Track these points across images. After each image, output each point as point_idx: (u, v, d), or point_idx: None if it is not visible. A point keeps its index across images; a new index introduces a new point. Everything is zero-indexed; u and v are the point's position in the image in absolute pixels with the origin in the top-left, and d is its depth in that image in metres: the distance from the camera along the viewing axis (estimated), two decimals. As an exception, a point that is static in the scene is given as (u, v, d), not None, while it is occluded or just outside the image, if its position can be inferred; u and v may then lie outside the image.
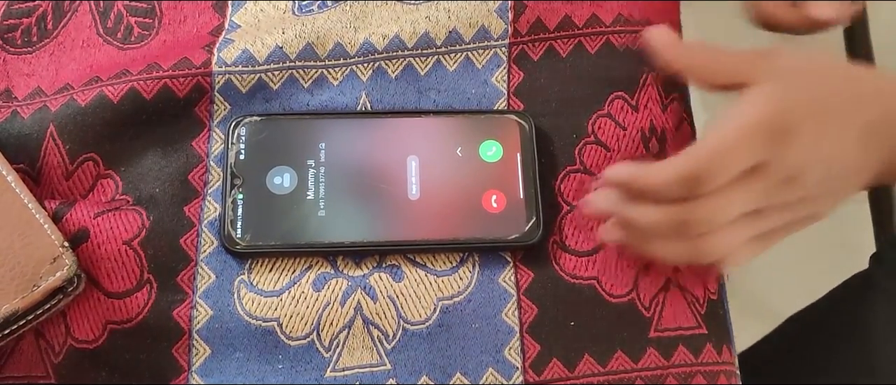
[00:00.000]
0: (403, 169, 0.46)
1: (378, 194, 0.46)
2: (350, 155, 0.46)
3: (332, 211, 0.45)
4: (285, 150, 0.46)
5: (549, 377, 0.45)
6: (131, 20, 0.50)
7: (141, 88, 0.47)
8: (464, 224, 0.46)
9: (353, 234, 0.45)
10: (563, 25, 0.51)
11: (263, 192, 0.45)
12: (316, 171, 0.46)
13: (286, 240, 0.44)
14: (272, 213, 0.45)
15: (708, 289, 0.47)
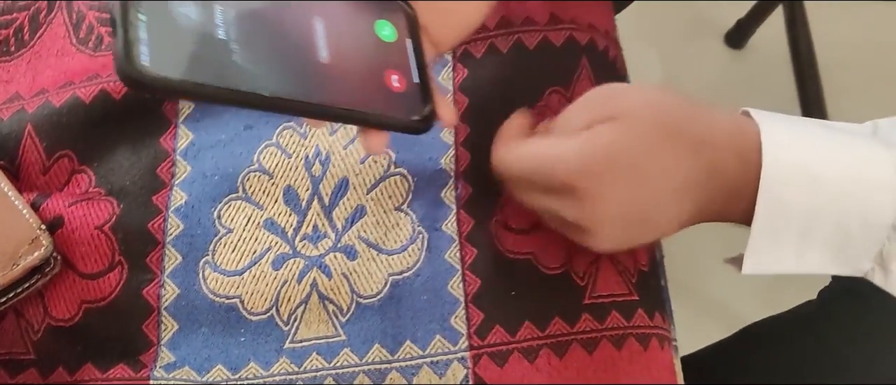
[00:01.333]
0: (311, 30, 0.43)
1: (291, 51, 0.42)
2: (259, 8, 0.42)
3: (245, 58, 0.40)
4: None
5: (492, 341, 0.48)
6: (101, 30, 0.55)
7: (111, 90, 0.51)
8: (372, 97, 0.44)
9: (269, 87, 0.40)
10: (502, 24, 0.56)
11: (168, 19, 0.38)
12: (224, 16, 0.40)
13: (195, 79, 0.38)
14: (181, 45, 0.38)
15: (639, 261, 0.51)
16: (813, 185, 0.45)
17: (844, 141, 0.46)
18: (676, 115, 0.45)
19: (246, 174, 0.51)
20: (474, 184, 0.52)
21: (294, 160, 0.52)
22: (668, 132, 0.44)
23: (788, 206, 0.45)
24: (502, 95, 0.54)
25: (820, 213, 0.45)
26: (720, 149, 0.45)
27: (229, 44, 0.39)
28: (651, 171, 0.44)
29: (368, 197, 0.51)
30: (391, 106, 0.45)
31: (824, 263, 0.47)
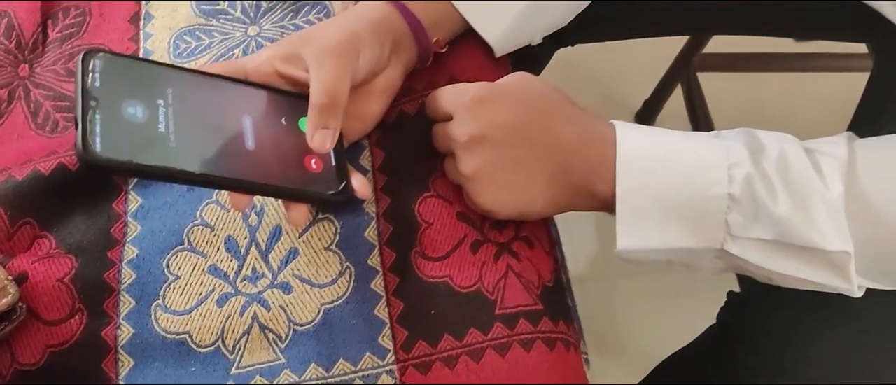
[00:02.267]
0: (241, 123, 0.54)
1: (221, 139, 0.52)
2: (195, 103, 0.52)
3: (181, 144, 0.50)
4: (137, 87, 0.50)
5: (417, 354, 0.55)
6: (57, 115, 0.62)
7: (68, 163, 0.58)
8: (291, 176, 0.54)
9: (201, 168, 0.50)
10: (408, 92, 0.64)
11: (119, 117, 0.49)
12: (165, 110, 0.50)
13: (140, 159, 0.48)
14: (127, 135, 0.48)
15: (543, 278, 0.59)
16: (660, 168, 0.55)
17: (683, 136, 0.56)
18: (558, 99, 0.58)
19: (190, 228, 0.58)
20: (394, 223, 0.59)
21: (232, 214, 0.59)
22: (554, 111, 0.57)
23: (642, 187, 0.54)
24: (413, 149, 0.62)
25: (669, 191, 0.55)
26: (587, 136, 0.56)
27: (168, 135, 0.50)
28: (532, 139, 0.54)
29: (300, 240, 0.58)
30: (310, 183, 0.55)
31: (684, 237, 0.56)
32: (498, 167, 0.57)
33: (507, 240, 0.59)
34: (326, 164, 0.56)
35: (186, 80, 0.54)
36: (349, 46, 0.55)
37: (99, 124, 0.48)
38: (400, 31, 0.61)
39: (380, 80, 0.60)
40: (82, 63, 0.49)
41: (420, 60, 0.63)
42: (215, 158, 0.52)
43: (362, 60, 0.56)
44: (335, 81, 0.54)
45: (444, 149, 0.60)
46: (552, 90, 0.59)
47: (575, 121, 0.58)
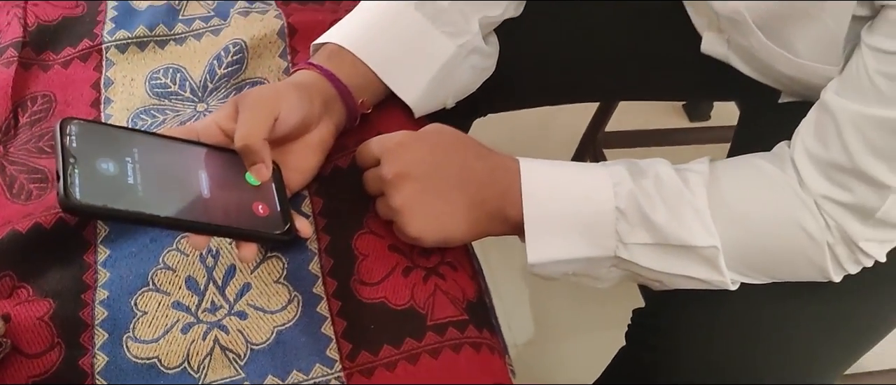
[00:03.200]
0: (196, 176, 0.63)
1: (181, 189, 0.61)
2: (157, 160, 0.61)
3: (147, 193, 0.59)
4: (108, 147, 0.59)
5: (361, 362, 0.63)
6: (31, 186, 0.70)
7: (43, 222, 0.66)
8: (242, 219, 0.63)
9: (165, 212, 0.59)
10: (340, 148, 0.74)
11: (94, 170, 0.57)
12: (133, 166, 0.59)
13: (113, 205, 0.56)
14: (102, 185, 0.57)
15: (467, 295, 0.68)
16: (559, 192, 0.66)
17: (576, 165, 0.68)
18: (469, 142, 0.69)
19: (154, 272, 0.66)
20: (334, 257, 0.68)
21: (191, 257, 0.67)
22: (466, 150, 0.68)
23: (545, 208, 0.65)
24: (347, 195, 0.71)
25: (568, 210, 0.65)
26: (496, 170, 0.66)
27: (137, 186, 0.59)
28: (448, 174, 0.64)
29: (253, 275, 0.66)
30: (259, 225, 0.64)
31: (584, 247, 0.66)
32: (421, 200, 0.66)
33: (434, 264, 0.68)
34: (272, 209, 0.65)
35: (149, 141, 0.63)
36: (267, 100, 0.65)
37: (77, 177, 0.56)
38: (328, 94, 0.71)
39: (313, 136, 0.70)
40: (60, 128, 0.58)
41: (349, 121, 0.73)
42: (177, 205, 0.61)
43: (287, 112, 0.65)
44: (250, 128, 0.63)
45: (374, 190, 0.69)
46: (463, 135, 0.70)
47: (484, 157, 0.69)
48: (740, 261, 0.67)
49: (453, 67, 0.77)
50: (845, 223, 0.64)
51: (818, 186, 0.65)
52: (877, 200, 0.62)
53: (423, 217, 0.66)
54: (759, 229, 0.66)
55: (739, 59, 0.79)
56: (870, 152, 0.60)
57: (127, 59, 0.79)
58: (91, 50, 0.79)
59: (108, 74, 0.78)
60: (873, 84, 0.59)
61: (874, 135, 0.60)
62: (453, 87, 0.79)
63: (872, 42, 0.59)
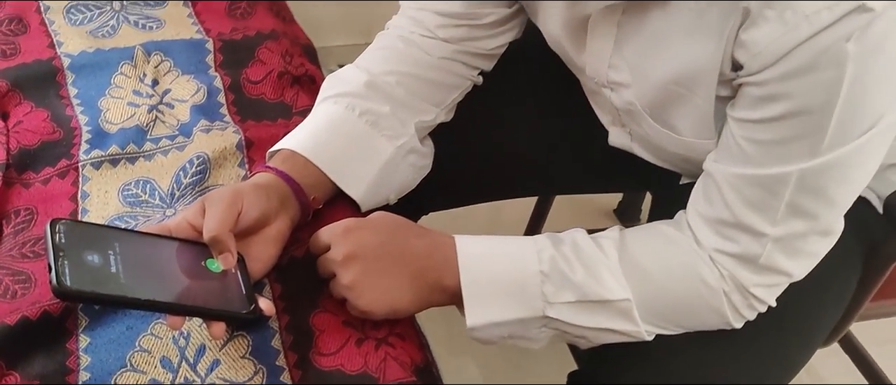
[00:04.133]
0: (172, 266, 0.71)
1: (157, 276, 0.70)
2: (136, 252, 0.70)
3: (129, 280, 0.67)
4: (92, 242, 0.68)
5: (321, 420, 0.70)
6: (16, 287, 0.77)
7: (29, 314, 0.73)
8: (212, 301, 0.71)
9: (145, 296, 0.67)
10: (296, 241, 0.83)
11: (81, 262, 0.66)
12: (115, 258, 0.68)
13: (100, 290, 0.65)
14: (89, 274, 0.65)
15: (414, 360, 0.76)
16: (491, 261, 0.75)
17: (504, 237, 0.78)
18: (408, 224, 0.79)
19: (131, 354, 0.73)
20: (294, 333, 0.76)
21: (165, 340, 0.74)
22: (406, 231, 0.77)
23: (479, 276, 0.74)
24: (303, 280, 0.80)
25: (500, 276, 0.75)
26: (433, 245, 0.76)
27: (119, 274, 0.68)
28: (392, 253, 0.73)
29: (221, 352, 0.74)
30: (226, 306, 0.73)
31: (515, 310, 0.75)
32: (368, 277, 0.75)
33: (384, 335, 0.77)
34: (238, 293, 0.74)
35: (128, 237, 0.72)
36: (231, 198, 0.74)
37: (67, 267, 0.65)
38: (284, 192, 0.81)
39: (272, 230, 0.79)
40: (50, 226, 0.68)
41: (302, 216, 0.83)
42: (155, 290, 0.69)
43: (248, 208, 0.75)
44: (217, 221, 0.72)
45: (327, 273, 0.78)
46: (403, 219, 0.80)
47: (423, 236, 0.79)
48: (652, 312, 0.77)
49: (394, 166, 0.88)
50: (736, 272, 0.75)
51: (710, 241, 0.75)
52: (758, 248, 0.73)
53: (371, 292, 0.75)
54: (665, 282, 0.77)
55: (641, 148, 0.91)
56: (746, 206, 0.72)
57: (101, 174, 0.88)
58: (68, 168, 0.88)
59: (85, 188, 0.87)
60: (741, 148, 0.70)
61: (747, 191, 0.71)
62: (395, 184, 0.89)
63: (735, 114, 0.71)
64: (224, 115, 0.96)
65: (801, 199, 0.70)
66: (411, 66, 0.91)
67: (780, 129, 0.68)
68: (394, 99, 0.88)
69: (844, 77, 0.63)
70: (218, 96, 0.98)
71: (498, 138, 1.00)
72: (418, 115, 0.90)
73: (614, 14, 0.76)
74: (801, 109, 0.66)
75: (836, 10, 0.61)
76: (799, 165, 0.68)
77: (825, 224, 0.73)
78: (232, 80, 1.00)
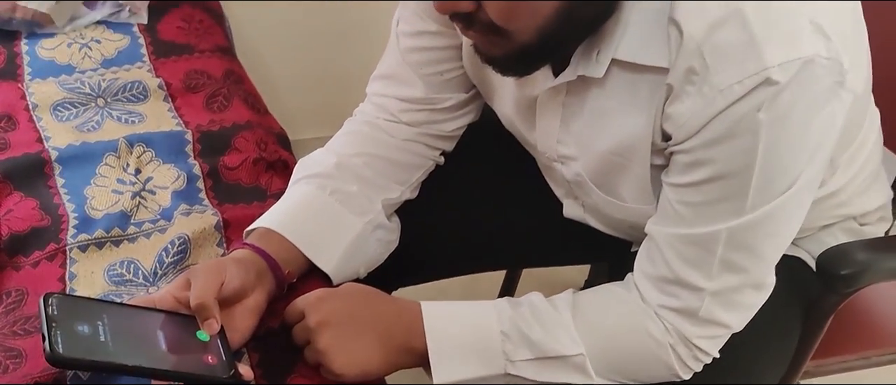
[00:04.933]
0: (157, 335, 0.77)
1: (143, 344, 0.76)
2: (123, 322, 0.76)
3: (117, 348, 0.73)
4: (82, 313, 0.75)
5: None
6: (8, 362, 0.82)
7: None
8: (195, 367, 0.76)
9: (132, 362, 0.73)
10: (272, 312, 0.89)
11: (72, 331, 0.72)
12: (104, 327, 0.74)
13: (90, 357, 0.71)
14: (79, 342, 0.72)
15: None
16: (455, 323, 0.81)
17: (466, 302, 0.84)
18: (377, 292, 0.86)
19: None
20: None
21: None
22: (374, 298, 0.84)
23: (444, 337, 0.80)
24: (280, 348, 0.86)
25: (464, 337, 0.81)
26: (401, 311, 0.82)
27: (108, 342, 0.74)
28: (361, 319, 0.79)
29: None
30: (208, 371, 0.78)
31: (479, 367, 0.81)
32: (340, 342, 0.81)
33: (356, 398, 0.82)
34: (219, 359, 0.79)
35: (116, 309, 0.79)
36: (214, 270, 0.81)
37: (59, 336, 0.71)
38: (260, 266, 0.87)
39: (249, 301, 0.85)
40: (44, 300, 0.74)
41: (278, 288, 0.89)
42: (142, 356, 0.75)
43: (228, 279, 0.81)
44: (202, 290, 0.79)
45: (301, 340, 0.84)
46: (371, 288, 0.86)
47: (391, 303, 0.85)
48: (605, 366, 0.83)
49: (363, 241, 0.94)
50: (679, 325, 0.81)
51: (654, 298, 0.82)
52: (697, 301, 0.80)
53: (343, 356, 0.81)
54: (616, 337, 0.83)
55: (593, 218, 0.98)
56: (684, 263, 0.79)
57: (87, 256, 0.94)
58: (57, 251, 0.94)
59: (72, 270, 0.92)
60: (675, 211, 0.78)
61: (684, 249, 0.78)
62: (364, 258, 0.96)
63: (668, 180, 0.78)
64: (203, 199, 1.03)
65: (732, 255, 0.77)
66: (377, 148, 0.98)
67: (707, 191, 0.75)
68: (361, 178, 0.96)
69: (759, 143, 0.71)
70: (197, 182, 1.05)
71: (460, 215, 1.07)
72: (384, 193, 0.97)
73: (559, 94, 0.84)
74: (723, 173, 0.73)
75: (746, 83, 0.69)
76: (727, 224, 0.76)
77: (756, 277, 0.80)
78: (210, 167, 1.07)
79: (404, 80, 0.98)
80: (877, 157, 0.99)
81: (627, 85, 0.78)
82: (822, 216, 0.95)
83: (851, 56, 0.73)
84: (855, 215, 0.99)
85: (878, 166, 1.01)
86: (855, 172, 0.93)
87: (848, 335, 1.10)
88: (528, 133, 0.94)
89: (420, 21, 0.95)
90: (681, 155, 0.76)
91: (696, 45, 0.70)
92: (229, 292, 0.81)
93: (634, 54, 0.75)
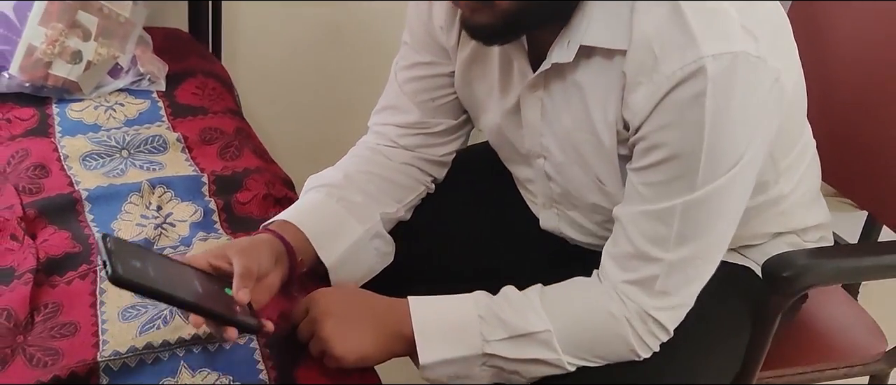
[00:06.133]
0: (195, 281, 0.89)
1: (186, 285, 0.87)
2: (168, 267, 0.89)
3: (163, 283, 0.84)
4: (134, 254, 0.86)
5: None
6: (46, 358, 0.93)
7: (59, 373, 0.88)
8: (228, 312, 0.88)
9: (179, 294, 0.85)
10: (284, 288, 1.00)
11: (128, 262, 0.82)
12: (151, 266, 0.85)
13: (142, 282, 0.82)
14: (133, 271, 0.82)
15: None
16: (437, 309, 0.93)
17: (448, 296, 0.96)
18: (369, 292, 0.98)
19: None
20: None
21: (173, 393, 0.90)
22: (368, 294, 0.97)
23: (429, 321, 0.92)
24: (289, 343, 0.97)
25: (445, 320, 0.93)
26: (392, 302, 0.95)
27: (156, 277, 0.85)
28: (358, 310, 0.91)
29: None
30: (240, 317, 0.89)
31: (461, 348, 0.92)
32: (340, 329, 0.93)
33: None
34: (245, 311, 0.91)
35: (159, 257, 0.93)
36: (250, 251, 0.94)
37: (119, 264, 0.82)
38: (279, 250, 0.99)
39: (267, 280, 0.97)
40: (102, 238, 0.85)
41: (291, 274, 1.01)
42: (185, 292, 0.87)
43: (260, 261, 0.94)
44: (246, 265, 0.91)
45: (307, 334, 0.95)
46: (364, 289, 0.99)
47: (382, 298, 0.97)
48: (572, 344, 0.94)
49: (362, 246, 1.07)
50: (637, 298, 0.93)
51: (615, 275, 0.94)
52: (656, 270, 0.91)
53: (344, 342, 0.92)
54: (579, 316, 0.95)
55: (568, 227, 1.10)
56: (644, 238, 0.91)
57: (116, 275, 1.06)
58: (88, 271, 1.06)
59: (102, 286, 1.04)
60: (638, 192, 0.91)
61: (645, 225, 0.91)
62: (361, 262, 1.08)
63: (632, 166, 0.92)
64: (218, 228, 1.15)
65: (687, 229, 0.90)
66: (378, 168, 1.13)
67: (663, 170, 0.88)
68: (365, 192, 1.10)
69: (704, 126, 0.84)
70: (212, 216, 1.18)
71: (446, 238, 1.19)
72: (384, 208, 1.11)
73: (538, 88, 0.98)
74: (675, 154, 0.87)
75: (686, 69, 0.83)
76: (683, 198, 0.88)
77: (708, 251, 0.93)
78: (224, 203, 1.20)
79: (401, 107, 1.14)
80: (815, 179, 1.13)
81: (597, 71, 0.92)
82: (767, 223, 1.07)
83: (779, 60, 0.87)
84: (797, 229, 1.11)
85: (816, 189, 1.14)
86: (795, 183, 1.06)
87: (801, 349, 1.21)
88: (515, 135, 1.06)
89: (415, 54, 1.12)
90: (640, 142, 0.89)
91: (647, 41, 0.85)
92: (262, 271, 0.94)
93: (599, 40, 0.89)
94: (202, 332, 0.92)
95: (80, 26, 1.45)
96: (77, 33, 1.45)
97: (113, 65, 1.48)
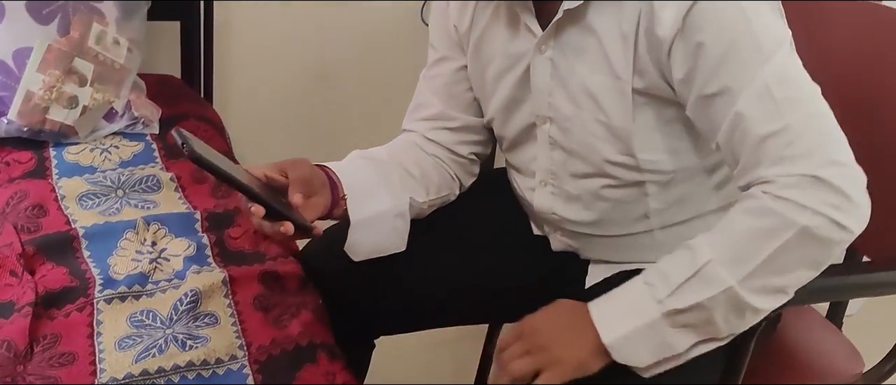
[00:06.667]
0: (253, 180, 0.96)
1: (249, 180, 0.94)
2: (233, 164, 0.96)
3: (232, 171, 0.92)
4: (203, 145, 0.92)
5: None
6: (46, 386, 0.96)
7: (59, 399, 0.91)
8: (285, 209, 0.96)
9: (246, 182, 0.93)
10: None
11: (200, 148, 0.90)
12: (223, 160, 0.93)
13: (215, 163, 0.91)
14: (205, 155, 0.90)
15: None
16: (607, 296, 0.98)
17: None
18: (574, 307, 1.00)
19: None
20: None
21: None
22: (574, 312, 0.99)
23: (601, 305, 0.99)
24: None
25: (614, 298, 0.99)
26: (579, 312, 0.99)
27: (225, 167, 0.93)
28: (567, 326, 0.98)
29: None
30: (295, 215, 0.97)
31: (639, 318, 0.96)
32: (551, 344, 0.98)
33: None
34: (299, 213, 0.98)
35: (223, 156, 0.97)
36: (304, 164, 1.03)
37: (195, 144, 0.90)
38: (321, 179, 1.06)
39: (314, 199, 1.03)
40: (176, 130, 0.92)
41: (331, 206, 1.06)
42: (246, 179, 0.94)
43: (312, 175, 1.03)
44: (302, 175, 1.00)
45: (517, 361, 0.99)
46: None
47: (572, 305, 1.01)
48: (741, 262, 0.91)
49: (384, 219, 1.13)
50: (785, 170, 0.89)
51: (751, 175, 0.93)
52: (785, 140, 0.89)
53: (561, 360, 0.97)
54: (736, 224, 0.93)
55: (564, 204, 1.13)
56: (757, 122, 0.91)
57: (112, 308, 1.09)
58: (85, 303, 1.09)
59: (99, 318, 1.07)
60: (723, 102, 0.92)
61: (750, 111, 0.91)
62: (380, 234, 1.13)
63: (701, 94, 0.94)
64: (211, 262, 1.19)
65: (790, 91, 0.91)
66: (414, 157, 1.20)
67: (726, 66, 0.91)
68: (402, 173, 1.16)
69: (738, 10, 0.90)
70: (205, 250, 1.22)
71: (443, 273, 1.22)
72: (414, 192, 1.17)
73: (547, 49, 1.04)
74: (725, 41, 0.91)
75: None
76: (761, 70, 0.90)
77: (823, 107, 0.92)
78: (216, 238, 1.24)
79: (425, 102, 1.23)
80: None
81: (607, 17, 0.97)
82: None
83: None
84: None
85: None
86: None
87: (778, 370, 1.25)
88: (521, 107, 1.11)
89: (434, 51, 1.22)
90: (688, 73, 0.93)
91: None
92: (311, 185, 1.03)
93: None
94: (258, 223, 0.97)
95: (77, 73, 1.50)
96: (73, 79, 1.50)
97: (108, 109, 1.53)
